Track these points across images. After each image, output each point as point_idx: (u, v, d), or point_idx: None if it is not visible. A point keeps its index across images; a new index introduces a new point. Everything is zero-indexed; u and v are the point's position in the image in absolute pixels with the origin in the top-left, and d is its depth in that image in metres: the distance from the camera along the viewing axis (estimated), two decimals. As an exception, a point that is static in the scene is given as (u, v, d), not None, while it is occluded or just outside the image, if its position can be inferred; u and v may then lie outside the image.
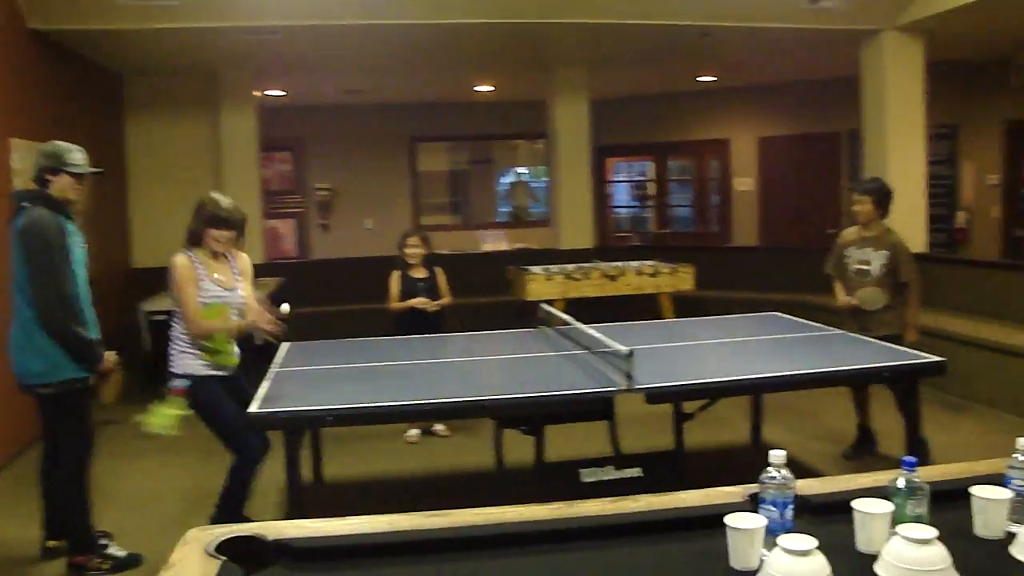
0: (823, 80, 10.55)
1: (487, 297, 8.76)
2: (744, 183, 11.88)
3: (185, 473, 5.44)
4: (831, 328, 5.20)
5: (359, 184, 12.01)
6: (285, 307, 4.23)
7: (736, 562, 1.88)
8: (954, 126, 9.90)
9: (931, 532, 1.79)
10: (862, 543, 1.94)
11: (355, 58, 8.51)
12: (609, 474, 3.85)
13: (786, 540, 1.78)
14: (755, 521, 1.90)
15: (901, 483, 1.98)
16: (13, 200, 4.03)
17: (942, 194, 9.75)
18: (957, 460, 2.10)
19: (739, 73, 10.52)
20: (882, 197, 5.27)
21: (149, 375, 7.64)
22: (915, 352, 4.40)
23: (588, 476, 3.83)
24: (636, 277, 7.58)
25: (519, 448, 4.78)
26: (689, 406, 4.43)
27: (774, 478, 1.98)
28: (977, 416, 6.25)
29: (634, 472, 3.87)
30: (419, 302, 5.82)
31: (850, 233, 5.42)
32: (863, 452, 5.36)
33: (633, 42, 8.17)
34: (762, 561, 1.84)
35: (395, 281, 5.96)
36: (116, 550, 4.12)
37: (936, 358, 4.17)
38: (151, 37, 7.01)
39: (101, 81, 8.29)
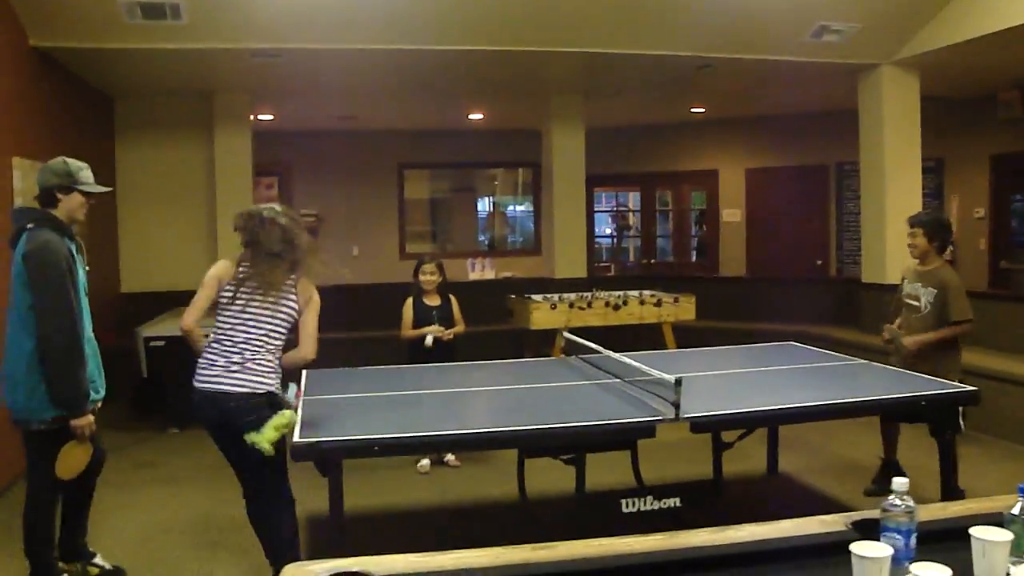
0: (811, 113, 10.70)
1: (481, 326, 8.69)
2: (732, 214, 11.96)
3: (190, 504, 5.28)
4: (851, 358, 5.21)
5: (346, 211, 11.92)
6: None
7: (862, 592, 1.84)
8: (940, 160, 10.07)
9: (1061, 561, 1.77)
10: (982, 572, 1.90)
11: (354, 83, 8.46)
12: (649, 504, 3.79)
13: (921, 568, 1.75)
14: (883, 550, 1.86)
15: (1017, 510, 1.96)
16: (14, 220, 3.83)
17: (929, 227, 9.88)
18: (975, 489, 2.10)
19: (729, 105, 10.63)
20: (937, 230, 5.11)
21: (143, 402, 7.48)
22: (944, 381, 4.41)
23: (629, 506, 3.77)
24: (639, 307, 7.56)
25: (537, 478, 4.71)
26: (726, 435, 4.39)
27: (898, 506, 1.95)
28: (978, 444, 6.26)
29: (673, 502, 3.82)
30: (434, 330, 5.75)
31: (909, 267, 5.30)
32: (887, 487, 5.19)
33: (633, 73, 8.22)
34: (889, 591, 1.81)
35: (408, 308, 5.88)
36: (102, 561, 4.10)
37: (969, 388, 4.19)
38: (152, 57, 6.91)
39: (93, 102, 8.15)
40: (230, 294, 3.67)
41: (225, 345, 3.64)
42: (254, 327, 3.67)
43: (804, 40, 7.18)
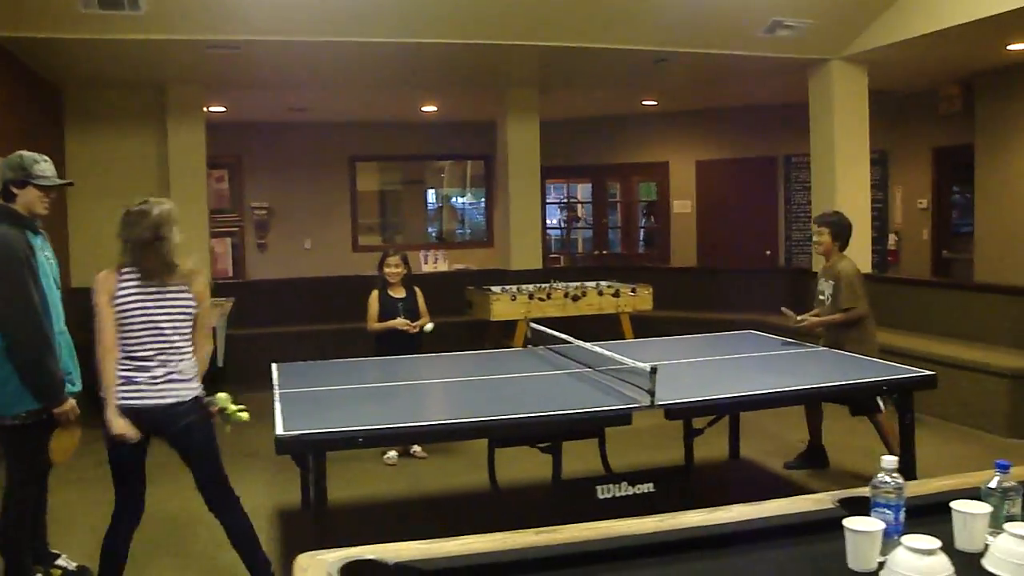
0: (760, 106, 10.92)
1: (437, 317, 8.71)
2: (682, 205, 12.15)
3: (156, 501, 5.15)
4: (810, 344, 5.37)
5: (297, 203, 11.83)
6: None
7: (856, 564, 1.93)
8: (884, 152, 10.35)
9: (1039, 528, 1.89)
10: (963, 542, 2.01)
11: (309, 75, 8.41)
12: (623, 490, 3.87)
13: (911, 540, 1.84)
14: (875, 524, 1.96)
15: (994, 484, 2.07)
16: None
17: (874, 217, 10.15)
18: (926, 470, 2.25)
19: (681, 98, 10.79)
20: (840, 230, 5.44)
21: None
22: (899, 367, 4.59)
23: (604, 492, 3.85)
24: (598, 298, 7.68)
25: (506, 467, 4.76)
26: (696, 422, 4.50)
27: (888, 483, 2.04)
28: (927, 426, 6.44)
29: (647, 487, 3.91)
30: (400, 323, 5.77)
31: (821, 264, 5.67)
32: (808, 465, 5.50)
33: (590, 66, 8.31)
34: (880, 563, 1.90)
35: (374, 301, 5.89)
36: (65, 562, 4.05)
37: (926, 372, 4.36)
38: (106, 48, 6.78)
39: (40, 92, 7.95)
40: (123, 304, 3.44)
41: (139, 361, 3.45)
42: (165, 333, 3.48)
43: (758, 35, 7.34)
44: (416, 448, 5.91)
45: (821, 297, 5.51)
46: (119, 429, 3.39)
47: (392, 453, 5.86)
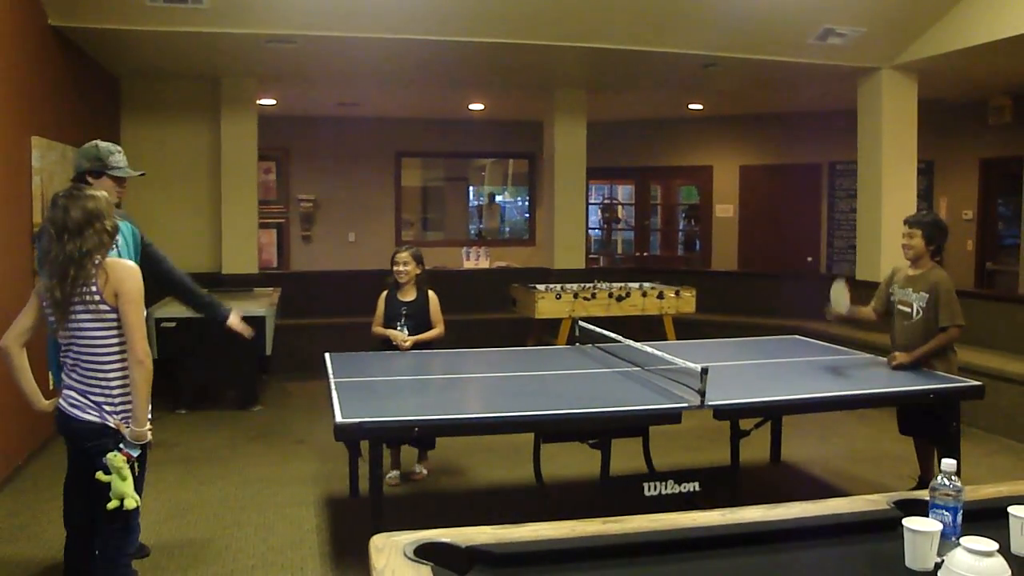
0: (806, 113, 10.90)
1: (478, 314, 8.90)
2: (724, 209, 12.16)
3: (208, 483, 5.36)
4: (855, 351, 5.39)
5: (342, 197, 11.99)
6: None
7: (913, 563, 1.99)
8: (929, 162, 10.28)
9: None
10: (1019, 547, 2.07)
11: (361, 71, 8.54)
12: (670, 488, 3.94)
13: (970, 541, 1.90)
14: (933, 525, 2.01)
15: (1050, 491, 2.12)
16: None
17: (918, 227, 10.09)
18: (971, 480, 2.28)
19: (727, 103, 10.80)
20: (935, 232, 4.79)
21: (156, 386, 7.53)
22: (947, 376, 4.59)
23: (650, 490, 3.91)
24: (642, 299, 7.72)
25: (544, 463, 4.81)
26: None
27: (946, 485, 2.10)
28: (971, 439, 6.43)
29: (693, 486, 3.97)
30: (394, 336, 5.23)
31: (900, 270, 5.00)
32: None
33: (640, 69, 8.35)
34: (937, 564, 1.96)
35: (381, 302, 5.40)
36: None
37: (974, 382, 4.38)
38: (167, 40, 6.95)
39: (101, 81, 8.15)
40: (46, 304, 3.09)
41: (67, 365, 3.13)
42: (77, 343, 3.07)
43: (809, 42, 7.35)
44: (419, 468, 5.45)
45: (906, 310, 4.81)
46: None
47: (395, 472, 5.27)
